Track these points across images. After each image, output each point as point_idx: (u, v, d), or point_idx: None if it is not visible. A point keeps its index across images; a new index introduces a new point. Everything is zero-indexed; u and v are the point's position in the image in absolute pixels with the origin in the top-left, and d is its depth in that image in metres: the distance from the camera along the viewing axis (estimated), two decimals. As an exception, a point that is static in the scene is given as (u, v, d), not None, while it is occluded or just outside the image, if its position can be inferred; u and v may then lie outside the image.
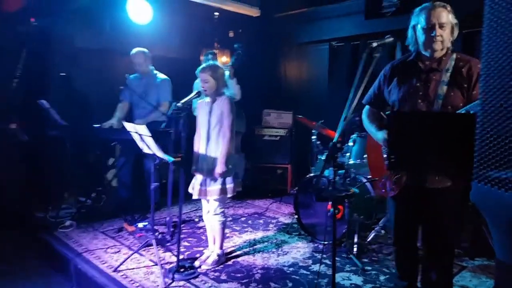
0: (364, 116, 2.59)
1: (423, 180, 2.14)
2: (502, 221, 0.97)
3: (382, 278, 3.11)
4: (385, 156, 2.37)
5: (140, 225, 4.01)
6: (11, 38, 4.45)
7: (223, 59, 5.96)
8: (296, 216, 3.93)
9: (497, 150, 0.96)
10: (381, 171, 2.42)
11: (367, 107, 2.59)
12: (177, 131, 3.11)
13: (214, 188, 3.20)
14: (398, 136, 1.53)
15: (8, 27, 4.44)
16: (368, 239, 3.80)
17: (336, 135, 1.95)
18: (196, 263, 3.29)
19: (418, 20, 2.24)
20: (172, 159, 3.04)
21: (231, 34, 6.28)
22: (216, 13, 5.67)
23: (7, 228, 4.02)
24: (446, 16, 2.16)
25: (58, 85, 4.78)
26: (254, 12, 5.68)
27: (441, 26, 2.14)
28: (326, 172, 3.78)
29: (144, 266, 3.27)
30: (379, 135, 2.34)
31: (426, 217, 2.30)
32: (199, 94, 3.16)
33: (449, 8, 2.19)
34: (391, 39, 2.24)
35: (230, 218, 4.60)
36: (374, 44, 2.24)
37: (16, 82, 4.46)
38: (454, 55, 2.22)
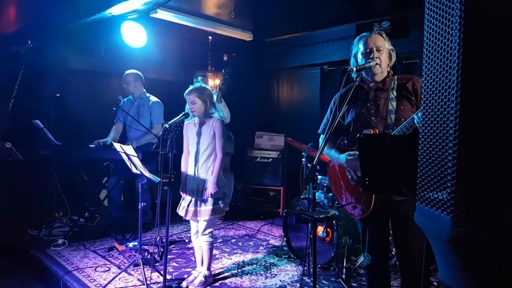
0: (322, 144, 2.58)
1: (391, 196, 2.21)
2: (442, 242, 1.01)
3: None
4: (349, 177, 2.45)
5: (130, 244, 4.02)
6: (7, 59, 4.55)
7: (216, 82, 6.07)
8: (285, 239, 3.94)
9: (435, 172, 1.01)
10: (340, 192, 2.53)
11: (322, 136, 2.65)
12: (165, 152, 3.17)
13: (205, 209, 3.23)
14: (369, 159, 1.59)
15: (4, 49, 4.55)
16: (358, 263, 3.80)
17: (316, 158, 2.00)
18: (183, 284, 3.29)
19: (357, 48, 2.41)
20: (158, 179, 3.08)
21: (225, 58, 6.42)
22: (210, 37, 5.80)
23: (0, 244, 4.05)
24: (383, 41, 2.35)
25: (52, 106, 4.85)
26: (247, 36, 5.83)
27: (378, 49, 2.32)
28: (317, 195, 3.81)
29: (132, 286, 3.27)
30: (342, 158, 2.40)
31: (395, 228, 2.36)
32: (186, 115, 3.22)
33: (384, 35, 2.38)
34: (371, 63, 2.31)
35: (220, 240, 4.61)
36: (354, 69, 2.31)
37: (12, 102, 4.53)
38: (395, 76, 2.40)
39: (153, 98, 4.68)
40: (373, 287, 2.46)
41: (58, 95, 4.88)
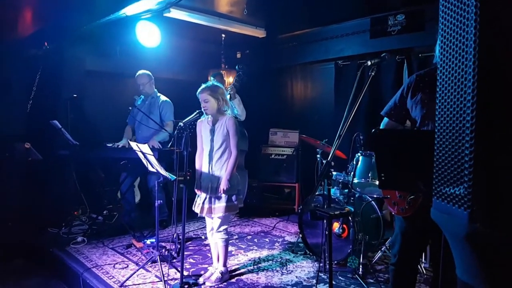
0: (381, 128, 2.44)
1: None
2: (458, 238, 1.00)
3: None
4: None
5: (148, 241, 4.07)
6: (24, 61, 4.65)
7: (230, 80, 6.08)
8: (301, 235, 3.94)
9: (451, 167, 1.00)
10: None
11: (385, 119, 2.43)
12: (180, 150, 3.21)
13: (219, 205, 3.25)
14: (384, 155, 1.57)
15: (22, 51, 4.64)
16: (374, 260, 3.77)
17: (330, 153, 1.99)
18: (200, 280, 3.32)
19: None
20: (174, 177, 3.11)
21: (238, 55, 6.43)
22: (223, 35, 5.81)
23: (21, 243, 4.15)
24: None
25: (70, 107, 4.94)
26: (259, 33, 5.81)
27: None
28: (332, 191, 3.80)
29: (149, 282, 3.31)
30: None
31: (435, 235, 2.18)
32: (200, 114, 3.23)
33: None
34: (386, 57, 2.25)
35: (236, 236, 4.63)
36: (369, 63, 2.26)
37: (30, 103, 4.63)
38: None
39: (163, 97, 4.73)
40: (397, 285, 2.39)
41: (75, 96, 4.96)
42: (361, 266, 3.50)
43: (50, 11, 4.39)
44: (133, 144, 3.37)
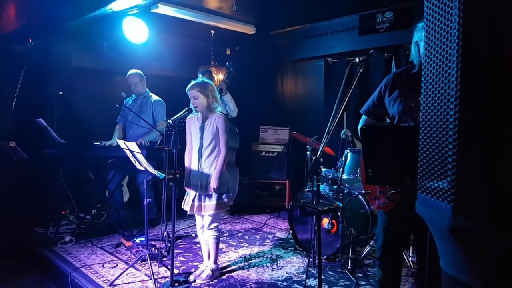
0: (359, 126, 2.41)
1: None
2: (442, 231, 1.01)
3: (375, 292, 3.11)
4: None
5: (137, 240, 4.05)
6: (9, 58, 4.57)
7: (220, 77, 6.06)
8: (291, 231, 3.95)
9: (435, 161, 1.01)
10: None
11: (364, 117, 2.49)
12: (169, 148, 3.18)
13: (209, 203, 3.24)
14: (371, 151, 1.57)
15: (6, 47, 4.56)
16: (363, 254, 3.80)
17: (319, 150, 1.99)
18: (191, 278, 3.31)
19: (421, 37, 2.09)
20: (162, 175, 3.09)
21: (228, 52, 6.40)
22: (212, 32, 5.78)
23: (8, 244, 4.10)
24: None
25: (56, 104, 4.88)
26: (249, 30, 5.80)
27: None
28: (321, 188, 3.81)
29: (139, 281, 3.30)
30: None
31: (418, 229, 2.22)
32: (189, 111, 3.22)
33: None
34: (374, 54, 2.26)
35: (226, 234, 4.63)
36: (357, 60, 2.27)
37: (15, 101, 4.55)
38: None
39: (155, 97, 4.69)
40: (385, 278, 2.40)
41: (61, 93, 4.90)
42: (350, 261, 3.53)
43: (34, 6, 4.32)
44: (121, 142, 3.35)
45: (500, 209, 0.93)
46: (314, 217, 2.49)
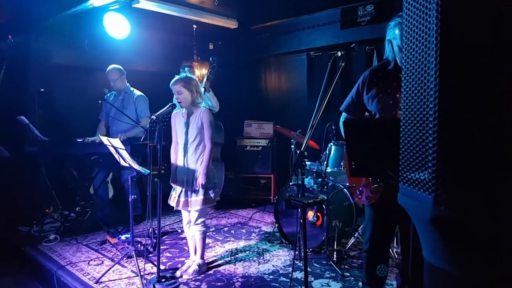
0: (341, 123, 2.52)
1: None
2: (424, 222, 1.04)
3: (361, 284, 3.16)
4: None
5: (123, 237, 4.03)
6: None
7: (203, 71, 6.04)
8: (277, 225, 3.99)
9: (416, 153, 1.04)
10: (358, 178, 2.40)
11: (344, 114, 2.53)
12: (154, 144, 3.17)
13: (196, 199, 3.24)
14: (355, 143, 1.61)
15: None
16: (348, 246, 3.86)
17: (303, 144, 2.01)
18: (177, 273, 3.32)
19: (394, 35, 2.16)
20: (147, 171, 3.08)
21: (211, 47, 6.37)
22: (194, 26, 5.75)
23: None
24: None
25: (38, 102, 4.79)
26: (231, 24, 5.77)
27: None
28: (306, 181, 3.86)
29: (126, 278, 3.28)
30: None
31: (402, 221, 2.29)
32: (173, 106, 3.20)
33: None
34: (355, 48, 2.30)
35: (213, 228, 4.64)
36: (339, 54, 2.30)
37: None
38: None
39: (137, 92, 4.64)
40: (371, 270, 2.46)
41: (42, 90, 4.81)
42: (335, 253, 3.59)
43: (13, 1, 4.22)
44: (104, 139, 3.31)
45: (479, 199, 0.96)
46: (299, 210, 2.53)
